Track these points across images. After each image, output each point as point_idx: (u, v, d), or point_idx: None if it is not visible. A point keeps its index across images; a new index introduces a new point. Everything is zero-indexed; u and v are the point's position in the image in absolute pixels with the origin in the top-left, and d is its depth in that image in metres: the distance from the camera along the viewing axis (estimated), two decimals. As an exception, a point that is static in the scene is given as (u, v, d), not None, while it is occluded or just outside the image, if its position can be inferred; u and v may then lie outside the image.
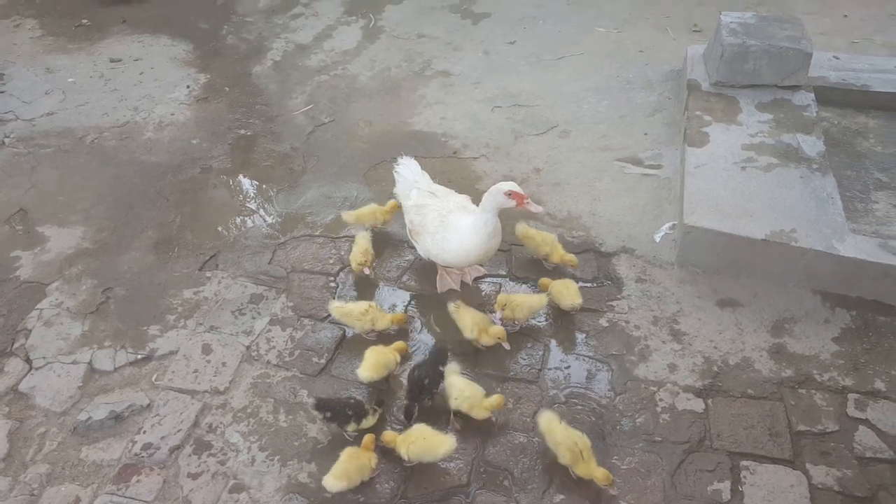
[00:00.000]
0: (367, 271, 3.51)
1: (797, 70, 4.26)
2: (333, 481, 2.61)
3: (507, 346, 3.18)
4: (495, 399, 2.86)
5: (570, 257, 3.54)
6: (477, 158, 4.43)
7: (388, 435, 2.77)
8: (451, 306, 3.26)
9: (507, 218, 3.79)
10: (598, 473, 2.63)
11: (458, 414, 2.91)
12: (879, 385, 3.02)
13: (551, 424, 2.72)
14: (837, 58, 4.64)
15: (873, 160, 4.03)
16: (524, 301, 3.26)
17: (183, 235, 3.95)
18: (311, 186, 4.28)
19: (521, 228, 3.65)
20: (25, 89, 5.28)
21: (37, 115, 5.00)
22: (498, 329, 3.17)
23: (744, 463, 2.76)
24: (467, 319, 3.18)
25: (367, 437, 2.75)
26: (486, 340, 3.17)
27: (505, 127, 4.69)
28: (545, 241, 3.56)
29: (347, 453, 2.68)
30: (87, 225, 4.05)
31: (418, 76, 5.27)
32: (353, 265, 3.55)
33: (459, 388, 2.88)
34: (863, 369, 3.09)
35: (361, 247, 3.59)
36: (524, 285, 3.56)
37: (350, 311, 3.24)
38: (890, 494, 2.63)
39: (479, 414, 2.87)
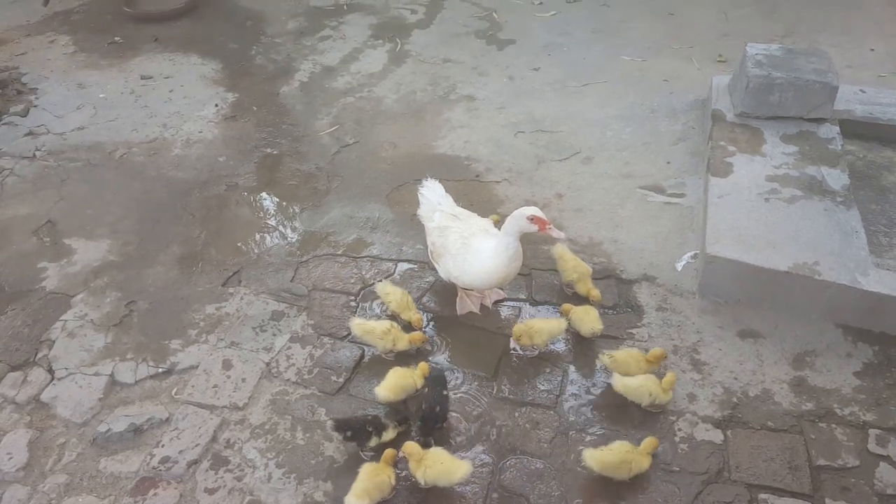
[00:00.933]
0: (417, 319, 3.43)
1: (823, 103, 4.25)
2: (355, 500, 2.61)
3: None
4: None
5: (596, 293, 3.52)
6: (499, 182, 4.46)
7: (409, 446, 2.75)
8: (606, 359, 3.13)
9: (529, 242, 3.82)
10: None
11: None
12: (903, 422, 2.97)
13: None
14: (864, 91, 4.63)
15: (899, 195, 4.00)
16: (543, 326, 3.25)
17: (207, 251, 4.01)
18: (334, 206, 4.33)
19: (560, 249, 3.65)
20: (58, 104, 5.42)
21: (68, 130, 5.13)
22: (658, 351, 3.16)
23: (762, 496, 2.72)
24: (630, 360, 3.11)
25: (388, 452, 2.76)
26: (653, 366, 3.15)
27: (528, 152, 4.73)
28: (576, 269, 3.55)
29: (366, 471, 2.68)
30: (114, 238, 4.12)
31: (443, 100, 5.33)
32: (411, 315, 3.41)
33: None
34: (885, 405, 3.04)
35: (396, 294, 3.47)
36: (545, 308, 3.56)
37: (372, 328, 3.26)
38: (915, 535, 2.58)
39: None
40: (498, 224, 3.60)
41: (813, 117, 4.30)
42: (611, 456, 2.72)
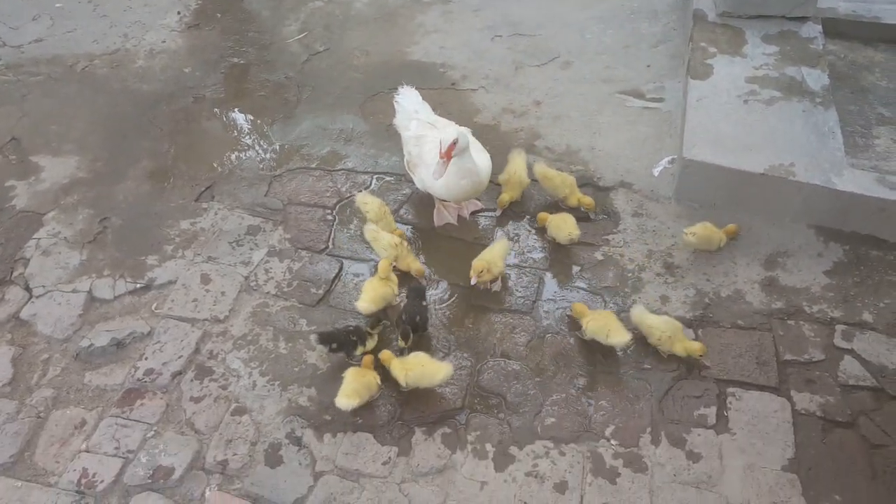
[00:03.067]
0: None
1: (806, 0, 4.13)
2: (345, 400, 2.69)
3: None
4: (696, 345, 2.89)
5: (588, 200, 3.48)
6: (476, 90, 4.35)
7: (385, 354, 2.86)
8: (689, 237, 3.25)
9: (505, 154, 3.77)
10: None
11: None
12: (867, 317, 3.07)
13: (643, 315, 2.95)
14: (848, -13, 4.50)
15: (877, 95, 3.97)
16: (492, 255, 3.17)
17: (178, 166, 3.92)
18: (306, 118, 4.22)
19: (540, 169, 3.56)
20: (11, 14, 5.13)
21: (25, 42, 4.88)
22: (732, 227, 3.31)
23: (730, 390, 2.84)
24: (709, 234, 3.25)
25: (366, 358, 2.84)
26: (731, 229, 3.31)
27: (505, 57, 4.59)
28: (564, 183, 3.50)
29: (352, 373, 2.76)
30: (81, 154, 4.01)
31: (416, 2, 5.11)
32: (392, 228, 3.35)
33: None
34: (852, 301, 3.13)
35: (374, 204, 3.38)
36: (525, 217, 3.57)
37: (381, 238, 3.22)
38: (869, 419, 2.72)
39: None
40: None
41: (796, 16, 4.19)
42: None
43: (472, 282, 3.13)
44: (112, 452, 2.71)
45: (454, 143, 3.04)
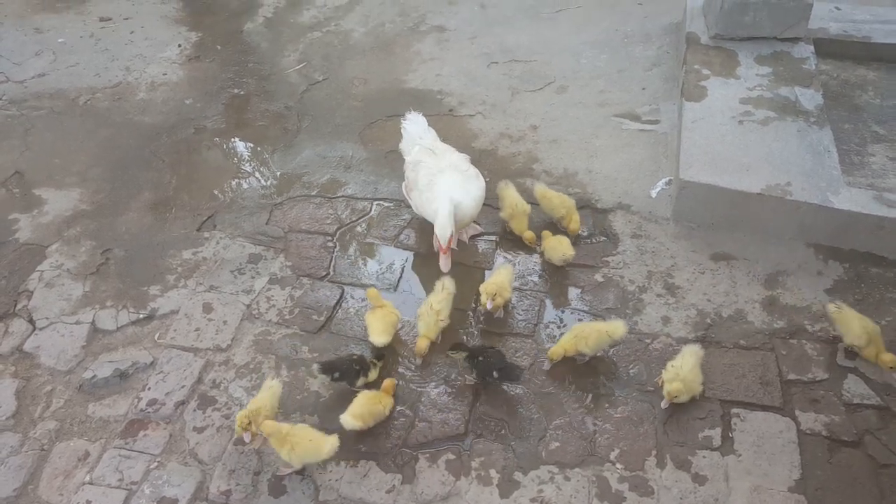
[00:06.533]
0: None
1: (797, 22, 4.21)
2: (351, 420, 2.69)
3: None
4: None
5: (575, 227, 3.48)
6: (473, 116, 4.40)
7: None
8: (832, 308, 2.98)
9: (510, 176, 3.80)
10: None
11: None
12: (869, 335, 3.07)
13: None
14: (839, 8, 4.58)
15: (871, 113, 4.01)
16: (501, 280, 3.16)
17: (179, 196, 3.96)
18: (306, 146, 4.26)
19: (540, 189, 3.59)
20: (15, 50, 5.21)
21: (28, 77, 4.96)
22: (890, 357, 2.86)
23: (734, 410, 2.83)
24: (855, 324, 2.90)
25: (389, 382, 2.84)
26: (887, 360, 2.86)
27: (501, 83, 4.65)
28: (563, 204, 3.53)
29: (367, 397, 2.76)
30: (84, 187, 4.05)
31: (413, 32, 5.19)
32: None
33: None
34: (854, 320, 3.13)
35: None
36: (520, 241, 3.58)
37: (430, 303, 3.10)
38: (875, 438, 2.70)
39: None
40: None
41: (787, 37, 4.26)
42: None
43: (488, 307, 3.10)
44: (116, 484, 2.70)
45: (451, 237, 3.14)
